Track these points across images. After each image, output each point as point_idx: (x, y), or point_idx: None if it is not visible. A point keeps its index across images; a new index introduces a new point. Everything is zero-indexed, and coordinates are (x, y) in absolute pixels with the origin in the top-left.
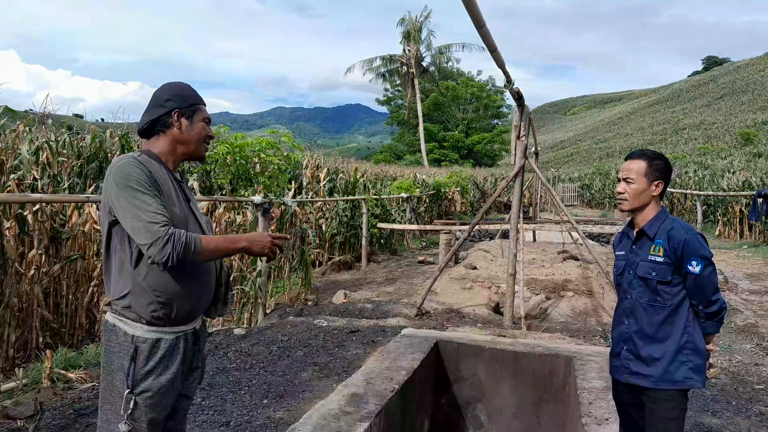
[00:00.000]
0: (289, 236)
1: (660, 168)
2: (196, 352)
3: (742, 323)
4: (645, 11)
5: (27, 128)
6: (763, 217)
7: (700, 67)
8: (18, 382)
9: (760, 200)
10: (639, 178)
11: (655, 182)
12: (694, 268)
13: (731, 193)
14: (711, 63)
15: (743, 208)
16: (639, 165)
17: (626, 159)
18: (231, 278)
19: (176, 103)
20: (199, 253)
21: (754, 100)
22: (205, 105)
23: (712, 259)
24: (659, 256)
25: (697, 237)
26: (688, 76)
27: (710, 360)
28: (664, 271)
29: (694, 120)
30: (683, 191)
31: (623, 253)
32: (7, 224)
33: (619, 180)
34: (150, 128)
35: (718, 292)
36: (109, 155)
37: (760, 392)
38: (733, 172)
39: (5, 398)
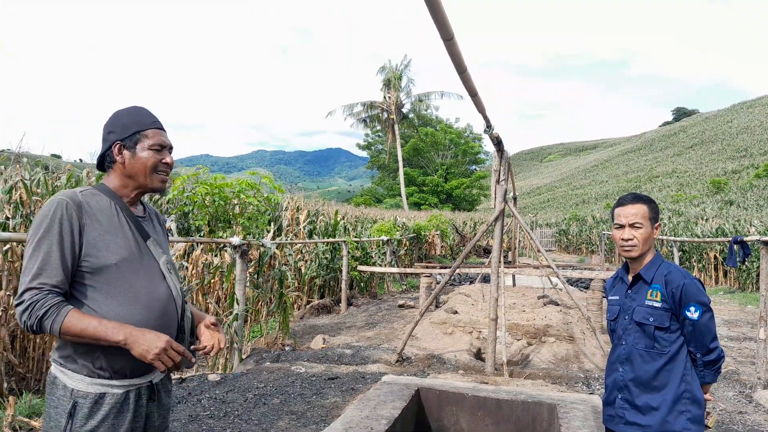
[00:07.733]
0: (192, 360)
1: (657, 210)
2: (156, 410)
3: (724, 370)
4: (619, 65)
5: (2, 166)
6: (740, 264)
7: (670, 117)
8: None
9: (736, 246)
10: (645, 222)
11: (656, 224)
12: (693, 314)
13: (707, 239)
14: (681, 113)
15: (717, 254)
16: (642, 209)
17: (621, 204)
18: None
19: (117, 135)
20: (56, 331)
21: (723, 150)
22: (156, 128)
23: (710, 305)
24: (656, 301)
25: (695, 282)
26: (659, 125)
27: (706, 409)
28: (662, 317)
29: (666, 168)
30: (660, 237)
31: (617, 297)
32: None
33: (620, 226)
34: (102, 164)
35: (716, 339)
36: None
37: None
38: (707, 219)
39: None
